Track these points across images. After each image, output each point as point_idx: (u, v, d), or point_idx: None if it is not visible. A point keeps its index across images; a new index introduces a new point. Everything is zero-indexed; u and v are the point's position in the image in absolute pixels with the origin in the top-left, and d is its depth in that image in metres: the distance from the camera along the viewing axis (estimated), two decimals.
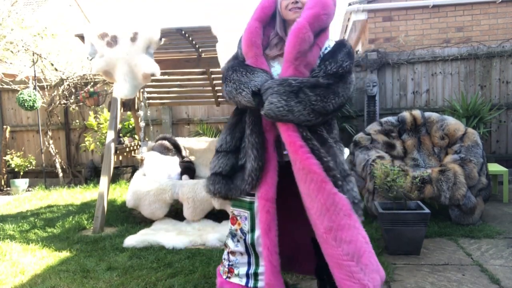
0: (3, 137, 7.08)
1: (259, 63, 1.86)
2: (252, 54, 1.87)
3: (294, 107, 1.69)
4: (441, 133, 4.16)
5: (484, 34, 6.71)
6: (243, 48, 1.90)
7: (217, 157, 1.95)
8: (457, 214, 3.57)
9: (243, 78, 1.81)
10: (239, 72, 1.83)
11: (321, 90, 1.72)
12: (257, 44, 1.87)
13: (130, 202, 4.01)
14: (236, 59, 1.96)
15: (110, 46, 3.70)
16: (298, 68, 1.77)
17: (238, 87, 1.80)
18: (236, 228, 1.96)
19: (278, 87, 1.71)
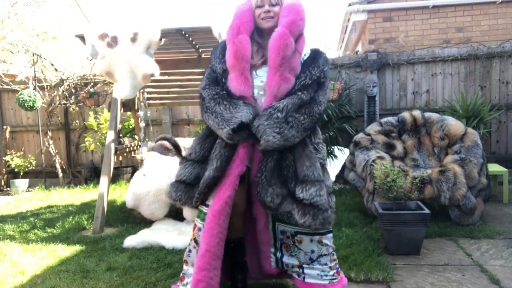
0: (3, 137, 7.08)
1: (242, 83, 1.87)
2: (239, 68, 1.88)
3: (288, 134, 1.82)
4: (441, 134, 4.16)
5: (484, 34, 6.72)
6: (230, 60, 1.91)
7: (184, 165, 2.02)
8: (457, 215, 3.57)
9: (226, 114, 1.83)
10: (222, 105, 1.85)
11: (306, 108, 1.85)
12: (247, 58, 1.90)
13: (130, 203, 4.01)
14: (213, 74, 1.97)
15: (111, 46, 3.71)
16: (284, 74, 1.85)
17: (220, 123, 1.83)
18: (191, 238, 2.06)
19: (268, 122, 1.80)
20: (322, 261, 2.03)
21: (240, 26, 1.94)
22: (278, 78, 1.84)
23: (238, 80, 1.88)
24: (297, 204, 1.85)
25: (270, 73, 1.87)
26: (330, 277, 2.03)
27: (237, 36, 1.91)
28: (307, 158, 1.89)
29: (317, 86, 1.90)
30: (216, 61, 1.98)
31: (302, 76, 1.89)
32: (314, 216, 1.81)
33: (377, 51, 6.08)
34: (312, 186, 1.83)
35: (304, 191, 1.83)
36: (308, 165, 1.87)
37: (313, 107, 1.86)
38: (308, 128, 1.87)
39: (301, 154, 1.89)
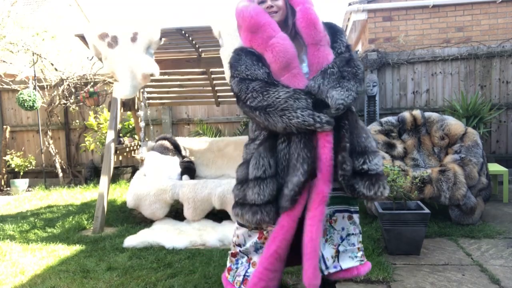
0: (3, 137, 7.08)
1: (300, 82, 1.77)
2: (292, 67, 1.78)
3: (348, 85, 1.77)
4: (441, 133, 4.16)
5: (484, 34, 6.72)
6: (279, 62, 1.77)
7: (260, 186, 1.76)
8: (457, 214, 3.57)
9: (304, 111, 1.70)
10: (302, 101, 1.71)
11: (352, 61, 1.86)
12: (295, 54, 1.79)
13: (131, 203, 4.01)
14: (259, 82, 1.77)
15: (111, 46, 3.71)
16: (325, 48, 1.83)
17: (312, 117, 1.68)
18: (263, 241, 1.94)
19: (327, 80, 1.74)
20: (351, 240, 1.99)
21: (270, 23, 1.82)
22: (321, 53, 1.81)
23: (293, 81, 1.77)
24: (361, 176, 1.78)
25: (310, 51, 1.82)
26: (359, 259, 2.01)
27: (275, 34, 1.79)
28: (362, 129, 1.84)
29: (348, 53, 1.90)
30: (252, 69, 1.79)
31: (336, 46, 1.88)
32: (383, 185, 1.79)
33: (377, 51, 6.08)
34: (374, 157, 1.81)
35: (368, 162, 1.78)
36: (365, 136, 1.83)
37: (356, 61, 1.87)
38: (361, 78, 1.86)
39: (356, 125, 1.83)
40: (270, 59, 1.79)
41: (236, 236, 2.06)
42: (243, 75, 1.81)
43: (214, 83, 5.36)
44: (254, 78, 1.79)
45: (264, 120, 1.74)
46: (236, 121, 6.84)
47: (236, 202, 1.91)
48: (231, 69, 1.88)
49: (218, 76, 5.24)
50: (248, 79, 1.79)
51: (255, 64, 1.80)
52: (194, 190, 3.89)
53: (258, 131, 1.88)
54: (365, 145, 1.81)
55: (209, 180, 4.11)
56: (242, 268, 2.02)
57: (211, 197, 3.85)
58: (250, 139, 1.96)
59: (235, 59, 1.86)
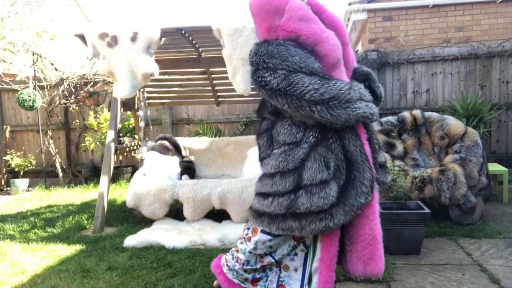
0: (3, 137, 7.08)
1: (345, 78, 1.78)
2: (341, 63, 1.77)
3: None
4: (441, 133, 4.16)
5: (484, 33, 6.72)
6: (333, 57, 1.71)
7: (325, 190, 1.65)
8: (457, 214, 3.57)
9: (366, 97, 1.73)
10: (356, 92, 1.69)
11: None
12: (342, 58, 1.78)
13: (130, 202, 4.01)
14: (317, 75, 1.67)
15: (111, 46, 3.71)
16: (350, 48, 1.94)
17: (368, 108, 1.70)
18: (296, 244, 1.87)
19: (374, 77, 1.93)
20: None
21: (315, 16, 1.77)
22: (351, 52, 1.91)
23: (342, 77, 1.75)
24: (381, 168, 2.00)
25: (346, 49, 1.85)
26: None
27: (325, 29, 1.74)
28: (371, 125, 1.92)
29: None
30: (309, 61, 1.66)
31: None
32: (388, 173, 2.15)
33: (377, 50, 6.07)
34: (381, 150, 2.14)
35: (382, 156, 2.08)
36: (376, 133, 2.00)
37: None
38: None
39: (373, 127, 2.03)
40: (325, 52, 1.68)
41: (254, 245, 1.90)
42: (295, 67, 1.64)
43: (214, 83, 5.36)
44: (309, 72, 1.65)
45: (326, 114, 1.62)
46: (236, 121, 6.84)
47: (284, 214, 1.70)
48: (272, 59, 1.66)
49: (218, 76, 5.24)
50: (301, 72, 1.64)
51: (309, 56, 1.67)
52: (194, 190, 3.89)
53: (307, 132, 1.71)
54: (378, 141, 1.94)
55: (209, 180, 4.11)
56: (274, 275, 1.95)
57: (211, 196, 3.85)
58: (287, 143, 1.74)
59: (279, 49, 1.66)
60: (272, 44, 1.69)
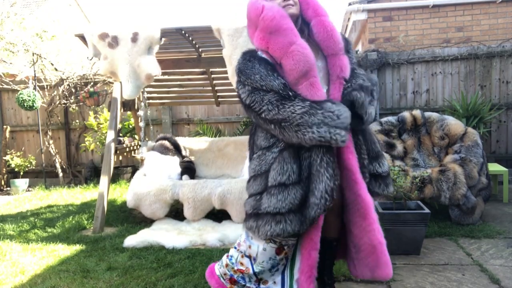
0: (3, 137, 7.08)
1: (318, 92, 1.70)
2: (310, 76, 1.69)
3: (374, 103, 1.83)
4: (441, 133, 4.16)
5: (484, 34, 6.71)
6: (297, 71, 1.66)
7: (283, 193, 1.66)
8: (457, 214, 3.57)
9: (329, 120, 1.61)
10: (317, 115, 1.62)
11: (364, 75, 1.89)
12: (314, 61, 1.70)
13: (131, 202, 4.01)
14: (274, 95, 1.67)
15: (111, 47, 3.71)
16: (344, 56, 1.83)
17: (329, 131, 1.60)
18: (282, 257, 1.87)
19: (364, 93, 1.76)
20: None
21: (293, 29, 1.71)
22: (342, 61, 1.79)
23: (311, 91, 1.68)
24: (375, 178, 1.89)
25: (331, 62, 1.79)
26: None
27: (296, 41, 1.68)
28: (371, 135, 1.92)
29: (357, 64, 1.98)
30: (268, 80, 1.67)
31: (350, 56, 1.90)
32: (390, 184, 1.94)
33: (377, 51, 6.07)
34: (384, 160, 1.93)
35: (382, 166, 1.90)
36: (375, 141, 1.92)
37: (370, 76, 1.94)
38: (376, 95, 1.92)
39: (370, 133, 1.92)
40: (289, 66, 1.67)
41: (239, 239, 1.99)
42: (256, 85, 1.69)
43: (214, 83, 5.36)
44: (269, 89, 1.67)
45: (279, 134, 1.67)
46: (236, 121, 6.84)
47: (250, 214, 1.76)
48: (241, 76, 1.75)
49: (218, 76, 5.24)
50: (262, 89, 1.68)
51: (270, 74, 1.68)
52: (194, 190, 3.89)
53: (276, 137, 1.77)
54: (378, 150, 1.91)
55: (209, 180, 4.11)
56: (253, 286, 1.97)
57: (211, 197, 3.85)
58: (262, 148, 1.80)
59: (247, 66, 1.73)
60: (245, 59, 1.77)
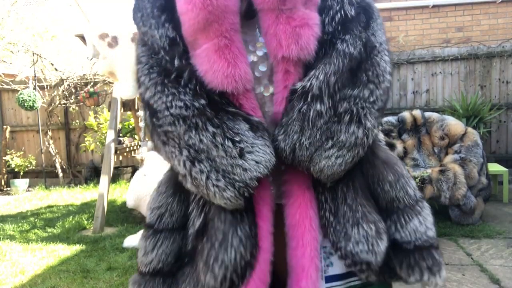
0: (3, 137, 7.08)
1: (230, 62, 0.73)
2: (217, 30, 0.75)
3: (350, 139, 0.76)
4: (441, 133, 4.16)
5: (484, 34, 6.71)
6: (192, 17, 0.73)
7: (151, 240, 0.89)
8: (457, 214, 3.57)
9: (219, 157, 0.73)
10: (203, 134, 0.73)
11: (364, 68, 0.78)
12: (230, 19, 0.75)
13: (131, 203, 4.00)
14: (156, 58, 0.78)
15: (111, 46, 3.71)
16: (294, 13, 0.75)
17: (209, 177, 0.73)
18: None
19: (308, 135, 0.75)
20: None
21: None
22: (286, 25, 0.76)
23: (218, 61, 0.73)
24: (393, 251, 0.87)
25: (266, 22, 0.77)
26: None
27: None
28: (387, 166, 0.91)
29: (365, 17, 0.80)
30: (148, 25, 0.79)
31: (330, 5, 0.79)
32: (431, 268, 0.85)
33: None
34: (411, 215, 0.88)
35: (399, 228, 0.87)
36: (393, 179, 0.89)
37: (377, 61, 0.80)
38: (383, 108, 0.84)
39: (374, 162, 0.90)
40: (180, 8, 0.77)
41: None
42: (140, 37, 0.83)
43: None
44: (152, 48, 0.79)
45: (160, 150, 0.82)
46: None
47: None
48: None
49: None
50: (147, 45, 0.81)
51: (155, 14, 0.78)
52: None
53: None
54: (392, 197, 0.89)
55: None
56: None
57: None
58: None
59: (135, 5, 0.84)
60: None
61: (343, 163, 0.77)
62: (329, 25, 0.77)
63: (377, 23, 0.83)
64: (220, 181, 0.72)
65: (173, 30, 0.77)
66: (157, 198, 0.92)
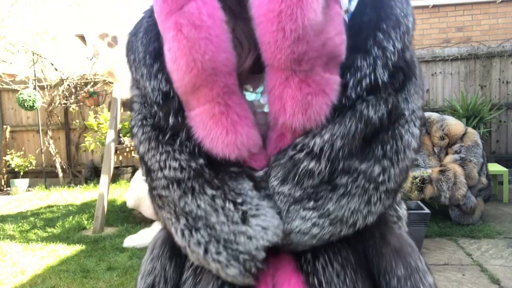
0: (3, 137, 7.08)
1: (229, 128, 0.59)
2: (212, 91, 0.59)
3: (338, 213, 0.61)
4: (441, 133, 4.16)
5: (484, 34, 6.71)
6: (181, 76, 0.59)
7: None
8: (457, 214, 3.57)
9: (219, 225, 0.60)
10: (203, 199, 0.60)
11: (382, 140, 0.63)
12: (227, 63, 0.58)
13: (131, 203, 4.01)
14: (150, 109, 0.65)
15: (111, 46, 3.71)
16: (308, 78, 0.57)
17: (209, 249, 0.61)
18: None
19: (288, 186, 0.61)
20: None
21: None
22: (296, 91, 0.57)
23: (217, 126, 0.59)
24: None
25: (272, 81, 0.58)
26: None
27: (181, 6, 0.57)
28: (397, 256, 0.71)
29: (400, 77, 0.64)
30: (140, 73, 0.64)
31: (359, 66, 0.59)
32: None
33: None
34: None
35: None
36: (403, 274, 0.69)
37: (401, 133, 0.66)
38: (394, 190, 0.68)
39: (381, 251, 0.70)
40: (170, 64, 0.60)
41: None
42: (134, 80, 0.70)
43: None
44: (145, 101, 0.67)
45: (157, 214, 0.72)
46: None
47: None
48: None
49: None
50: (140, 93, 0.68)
51: (148, 62, 0.65)
52: None
53: None
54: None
55: None
56: None
57: None
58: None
59: (130, 39, 0.71)
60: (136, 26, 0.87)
61: (318, 236, 0.60)
62: (353, 90, 0.60)
63: (415, 84, 0.70)
64: (221, 255, 0.60)
65: (166, 83, 0.63)
66: (150, 262, 0.78)
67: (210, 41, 0.57)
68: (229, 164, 0.61)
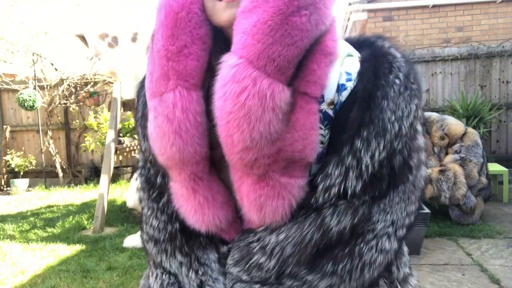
0: (3, 137, 7.08)
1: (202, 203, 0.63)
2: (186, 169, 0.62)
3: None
4: (441, 133, 4.16)
5: (484, 34, 6.71)
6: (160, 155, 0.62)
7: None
8: (457, 214, 3.57)
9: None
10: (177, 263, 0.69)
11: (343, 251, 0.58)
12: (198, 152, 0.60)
13: (130, 202, 4.01)
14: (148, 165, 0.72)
15: (111, 47, 3.71)
16: (263, 180, 0.57)
17: None
18: None
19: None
20: None
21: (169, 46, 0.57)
22: (250, 192, 0.58)
23: (187, 203, 0.63)
24: None
25: (232, 175, 0.61)
26: None
27: (168, 87, 0.58)
28: None
29: (386, 182, 0.59)
30: (138, 133, 0.76)
31: (329, 173, 0.57)
32: None
33: None
34: None
35: None
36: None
37: (361, 253, 0.58)
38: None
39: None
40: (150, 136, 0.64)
41: None
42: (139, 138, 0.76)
43: None
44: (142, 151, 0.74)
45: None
46: None
47: None
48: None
49: None
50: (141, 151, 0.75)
51: (142, 126, 0.73)
52: None
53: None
54: None
55: None
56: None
57: None
58: None
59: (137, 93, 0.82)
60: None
61: None
62: (321, 195, 0.58)
63: (403, 191, 0.62)
64: None
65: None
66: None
67: (179, 136, 0.58)
68: (199, 234, 0.66)
